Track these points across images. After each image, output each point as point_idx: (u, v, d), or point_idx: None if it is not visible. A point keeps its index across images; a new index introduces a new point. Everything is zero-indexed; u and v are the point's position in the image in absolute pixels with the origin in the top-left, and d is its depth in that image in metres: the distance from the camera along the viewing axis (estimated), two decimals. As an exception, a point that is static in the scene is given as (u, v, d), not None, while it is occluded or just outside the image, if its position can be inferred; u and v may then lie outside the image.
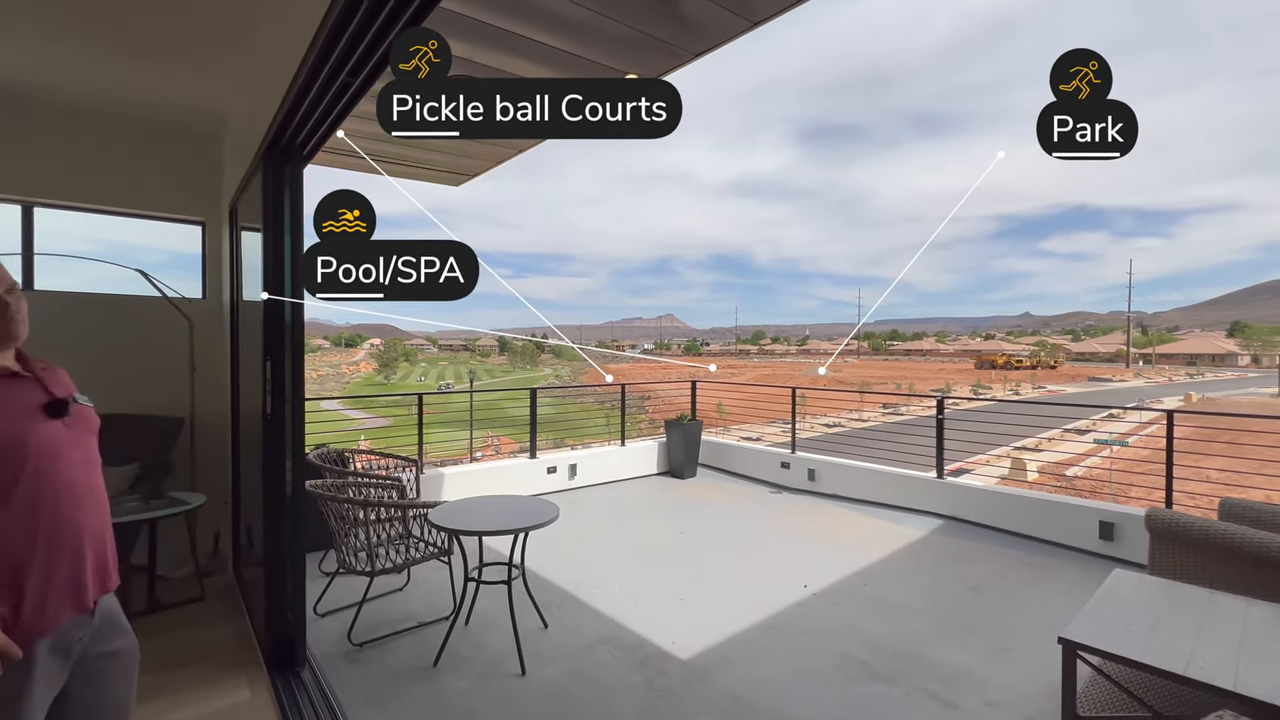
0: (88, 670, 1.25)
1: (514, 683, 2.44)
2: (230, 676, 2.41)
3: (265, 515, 2.48)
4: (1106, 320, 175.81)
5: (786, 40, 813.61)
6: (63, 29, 2.64)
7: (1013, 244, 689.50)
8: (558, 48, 2.67)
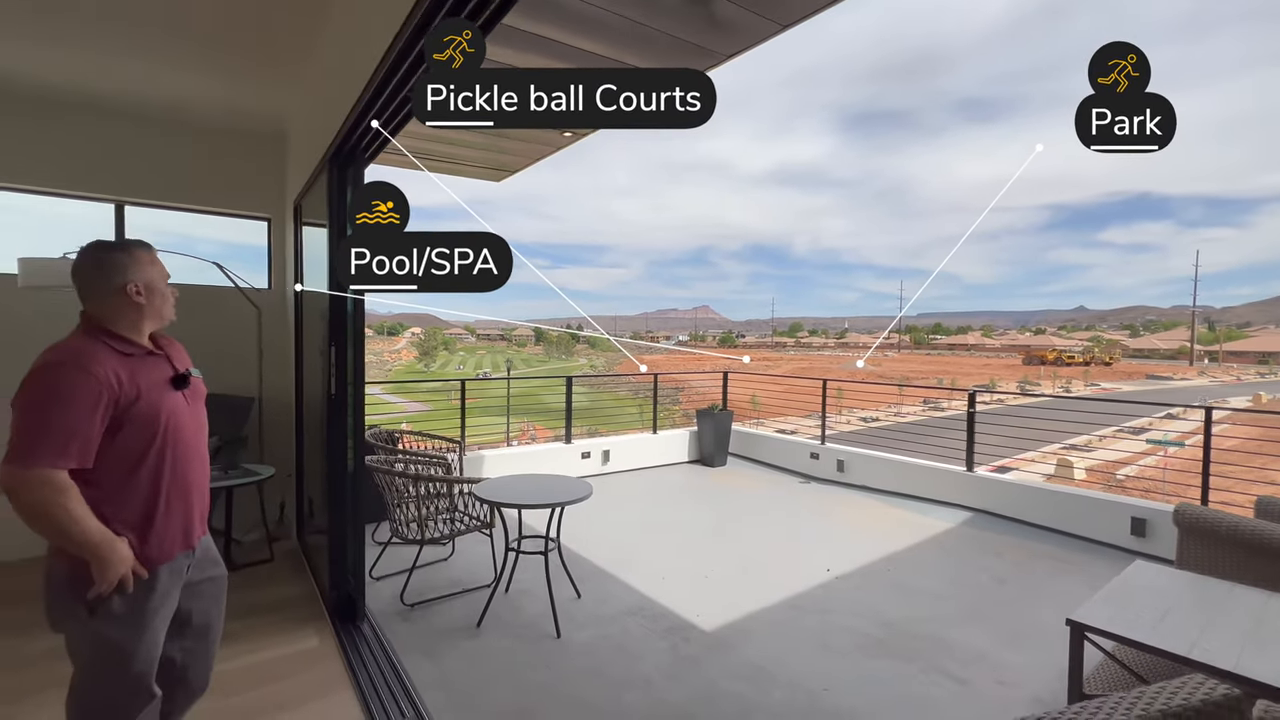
0: (194, 591, 1.58)
1: (550, 644, 2.66)
2: (300, 627, 2.70)
3: (329, 487, 2.75)
4: (1169, 315, 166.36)
5: (828, 23, 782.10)
6: (154, 50, 2.94)
7: (1066, 235, 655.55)
8: (591, 51, 2.81)
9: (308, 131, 3.33)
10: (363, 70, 2.08)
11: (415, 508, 3.03)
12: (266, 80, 3.31)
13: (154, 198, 3.89)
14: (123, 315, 1.43)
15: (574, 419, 6.17)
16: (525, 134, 4.21)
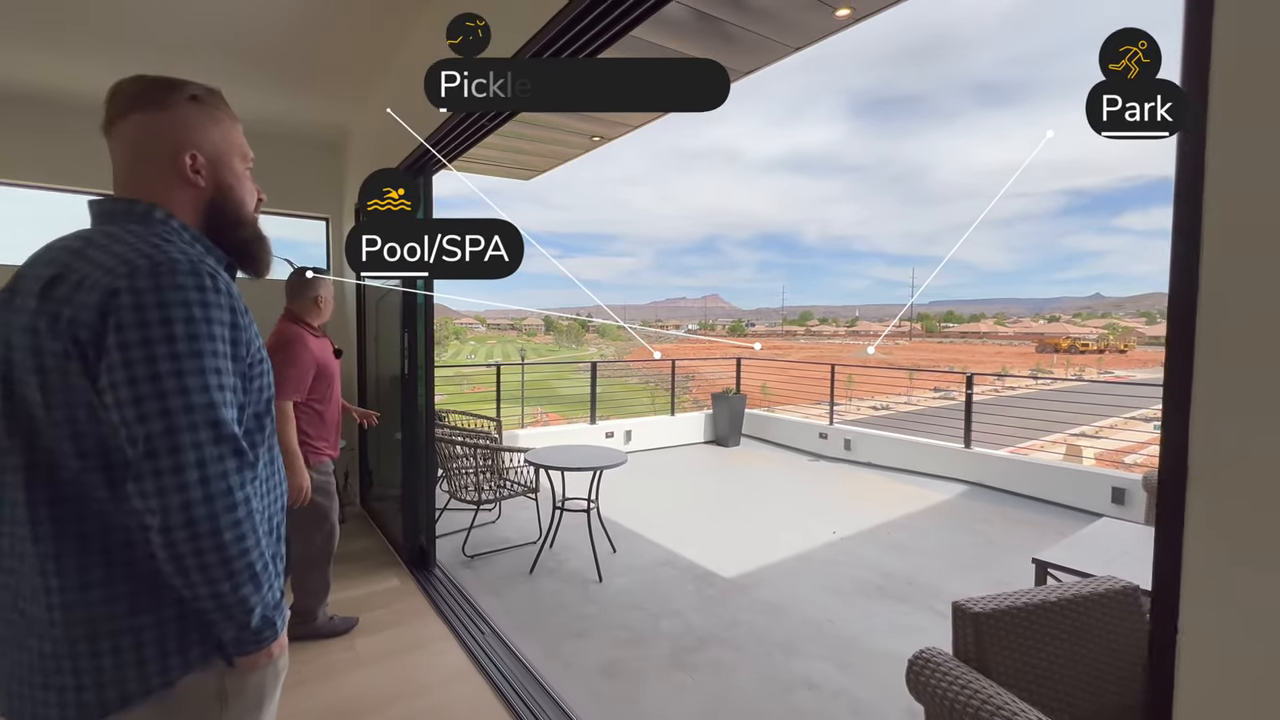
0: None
1: (594, 586, 3.11)
2: (379, 571, 3.17)
3: (405, 454, 3.21)
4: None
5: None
6: (233, 75, 3.36)
7: (1083, 220, 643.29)
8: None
9: (373, 143, 3.76)
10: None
11: (473, 474, 3.49)
12: (331, 97, 3.73)
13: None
14: (311, 313, 2.34)
15: (588, 406, 6.63)
16: (554, 137, 4.59)
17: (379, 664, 2.29)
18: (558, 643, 2.53)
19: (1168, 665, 0.68)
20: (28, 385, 0.73)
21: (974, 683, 1.36)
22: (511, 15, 1.94)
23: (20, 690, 0.75)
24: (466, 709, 2.03)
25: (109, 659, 0.74)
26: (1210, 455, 0.64)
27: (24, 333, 0.73)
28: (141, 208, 0.84)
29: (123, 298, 0.70)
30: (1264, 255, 0.61)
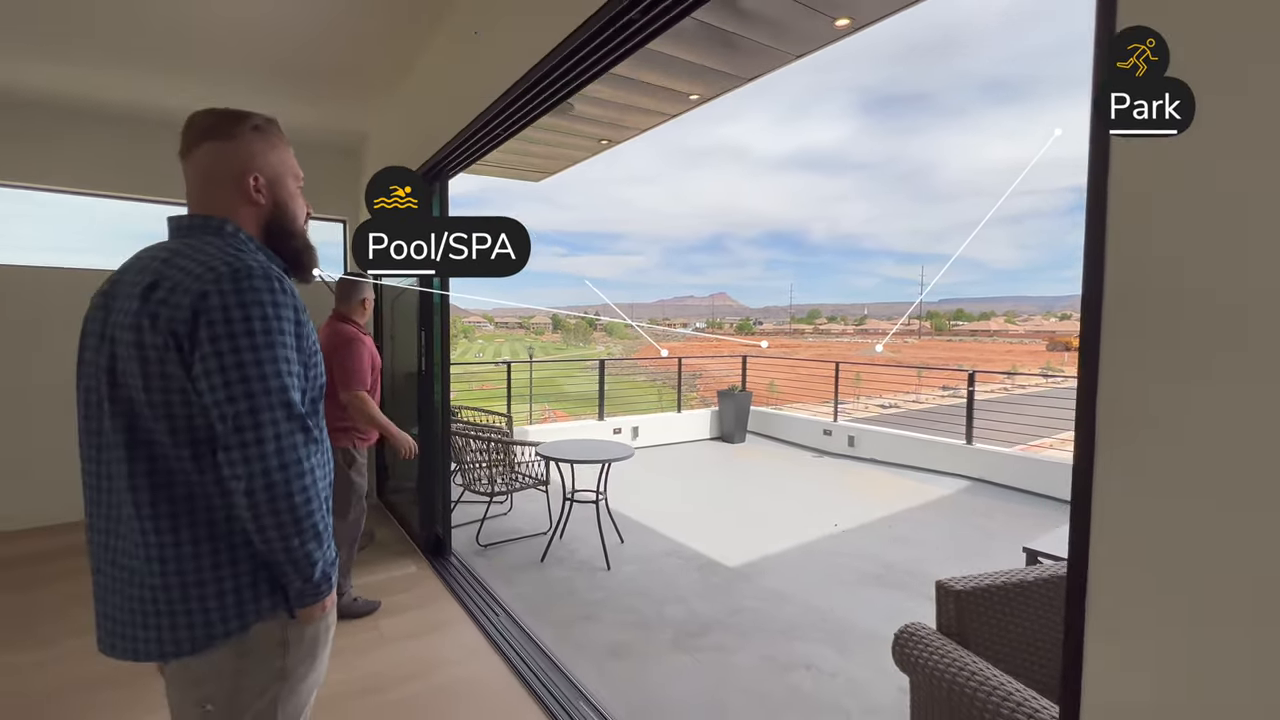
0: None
1: (602, 574, 3.24)
2: (398, 559, 3.32)
3: (422, 447, 3.34)
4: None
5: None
6: (260, 86, 3.50)
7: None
8: (628, 76, 3.29)
9: (390, 147, 3.90)
10: (455, 116, 2.63)
11: (486, 467, 3.63)
12: (348, 104, 3.87)
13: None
14: (359, 313, 2.66)
15: (596, 404, 6.75)
16: (563, 140, 4.72)
17: (402, 643, 2.43)
18: (568, 626, 2.67)
19: (1078, 620, 0.79)
20: (130, 374, 0.87)
21: (954, 654, 1.47)
22: (529, 30, 2.06)
23: (122, 630, 0.90)
24: (484, 683, 2.17)
25: (196, 605, 0.88)
26: (1111, 438, 0.75)
27: (129, 330, 0.87)
28: (215, 222, 0.98)
29: (211, 299, 0.84)
30: (1157, 252, 0.72)
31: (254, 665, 0.95)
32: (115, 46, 2.99)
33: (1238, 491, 0.66)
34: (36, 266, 3.87)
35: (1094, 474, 0.78)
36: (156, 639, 0.88)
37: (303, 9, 2.68)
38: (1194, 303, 0.69)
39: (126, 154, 4.00)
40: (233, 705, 0.94)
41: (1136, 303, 0.74)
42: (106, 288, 0.96)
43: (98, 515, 0.95)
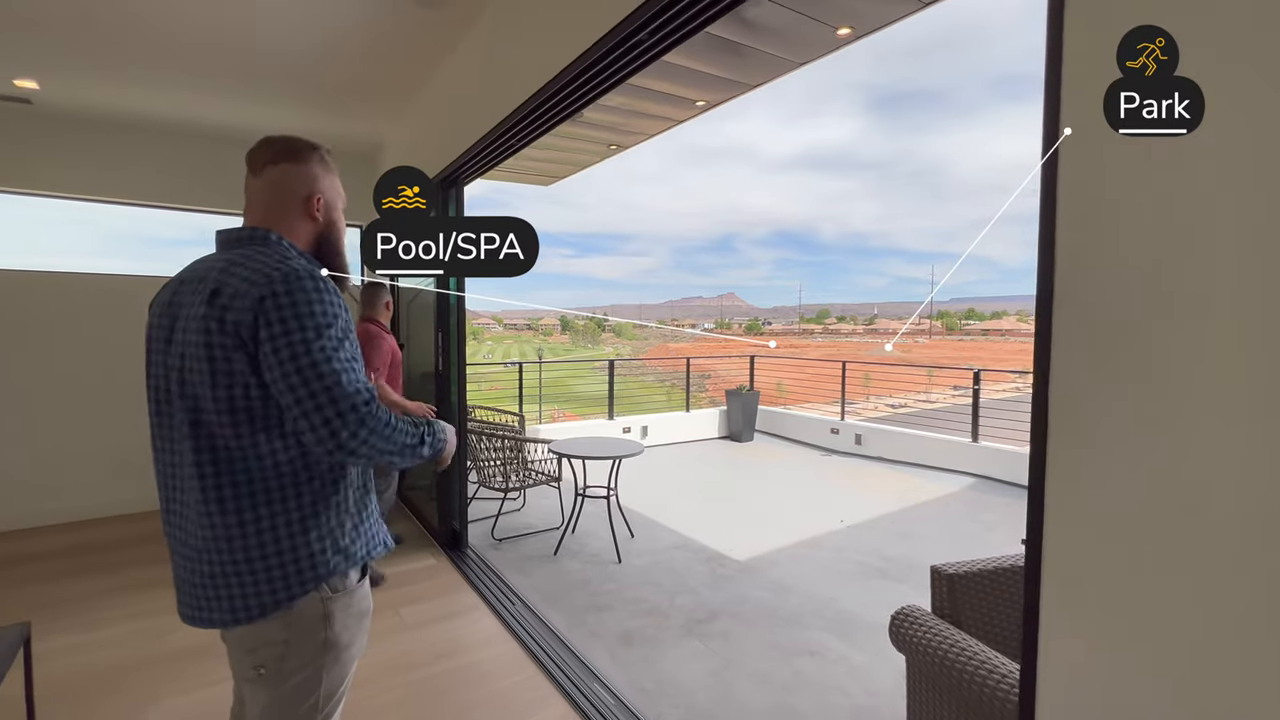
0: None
1: (613, 567, 3.35)
2: (417, 552, 3.45)
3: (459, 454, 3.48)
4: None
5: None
6: (286, 100, 3.65)
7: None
8: (644, 87, 3.41)
9: (406, 155, 4.04)
10: (471, 128, 2.76)
11: (501, 464, 3.75)
12: (367, 115, 4.02)
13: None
14: (382, 315, 3.01)
15: (605, 404, 6.87)
16: (574, 146, 4.84)
17: (423, 629, 2.55)
18: (581, 614, 2.78)
19: (1034, 590, 0.89)
20: (199, 371, 0.98)
21: (946, 632, 1.57)
22: (545, 46, 2.18)
23: (195, 602, 1.04)
24: (503, 665, 2.29)
25: (249, 580, 1.00)
26: (1061, 428, 0.85)
27: (197, 332, 0.99)
28: (260, 234, 1.11)
29: (267, 302, 0.96)
30: (1100, 258, 0.81)
31: (300, 635, 1.06)
32: (151, 65, 3.15)
33: (1171, 479, 0.76)
34: (78, 272, 4.05)
35: (1046, 463, 0.88)
36: (219, 609, 1.01)
37: (327, 32, 2.81)
38: (1134, 302, 0.79)
39: (159, 165, 4.18)
40: (281, 670, 1.06)
41: (1082, 304, 0.84)
42: (169, 296, 1.09)
43: (172, 501, 1.07)
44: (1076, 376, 0.84)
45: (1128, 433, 0.79)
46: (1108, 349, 0.81)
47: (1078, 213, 0.84)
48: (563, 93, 2.14)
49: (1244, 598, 0.70)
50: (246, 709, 1.13)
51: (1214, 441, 0.72)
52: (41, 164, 3.86)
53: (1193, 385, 0.74)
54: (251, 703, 1.10)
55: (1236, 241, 0.70)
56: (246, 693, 1.12)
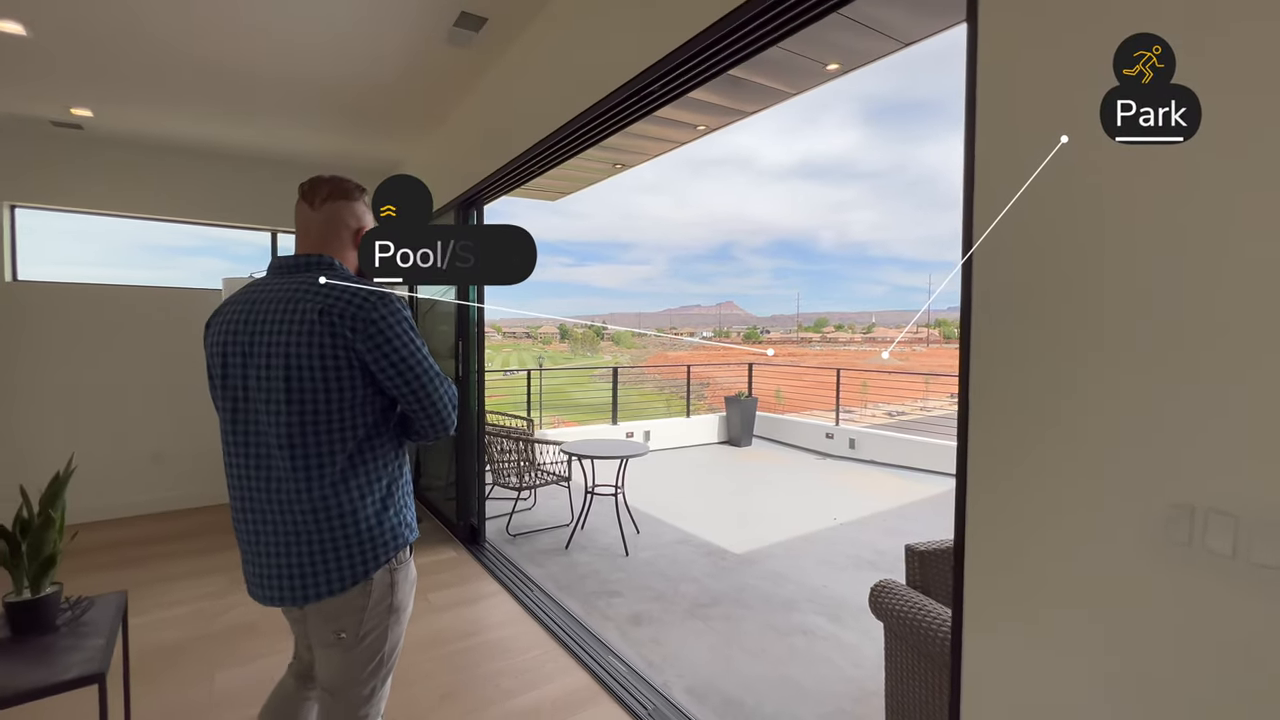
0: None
1: (621, 559, 3.60)
2: (437, 546, 3.70)
3: (459, 447, 3.73)
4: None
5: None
6: (314, 124, 3.94)
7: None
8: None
9: (427, 177, 4.32)
10: (491, 156, 3.04)
11: (516, 463, 4.01)
12: (390, 139, 4.31)
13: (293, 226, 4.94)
14: None
15: (607, 411, 7.13)
16: (582, 166, 5.13)
17: (450, 611, 2.80)
18: (593, 600, 3.03)
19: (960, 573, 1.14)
20: (309, 369, 1.13)
21: (916, 600, 1.82)
22: (570, 86, 2.47)
23: (281, 582, 1.19)
24: (525, 641, 2.53)
25: (356, 550, 1.19)
26: (978, 427, 1.11)
27: (306, 343, 1.13)
28: (326, 260, 1.25)
29: (372, 314, 1.16)
30: (1004, 272, 1.07)
31: (374, 602, 1.23)
32: (194, 95, 3.43)
33: (1070, 473, 1.01)
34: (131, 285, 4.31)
35: (968, 455, 1.13)
36: (314, 585, 1.18)
37: (360, 67, 3.10)
38: (1042, 305, 1.05)
39: (197, 184, 4.47)
40: (358, 632, 1.23)
41: (993, 306, 1.10)
42: (242, 314, 1.21)
43: (255, 494, 1.19)
44: (991, 377, 1.10)
45: (1037, 435, 1.05)
46: (1022, 351, 1.07)
47: (990, 226, 1.10)
48: (579, 131, 2.43)
49: (1136, 577, 0.94)
50: (318, 670, 1.29)
51: (1097, 454, 0.97)
52: (90, 184, 4.14)
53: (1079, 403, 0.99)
54: (325, 664, 1.26)
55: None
56: (321, 657, 1.27)
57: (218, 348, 1.23)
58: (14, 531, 1.53)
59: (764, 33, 1.66)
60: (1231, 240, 0.77)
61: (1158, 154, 0.84)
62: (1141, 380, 0.85)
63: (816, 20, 1.58)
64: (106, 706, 1.42)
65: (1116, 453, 0.88)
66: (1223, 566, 0.78)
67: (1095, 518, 0.91)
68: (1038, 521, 1.00)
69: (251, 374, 1.18)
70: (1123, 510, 0.88)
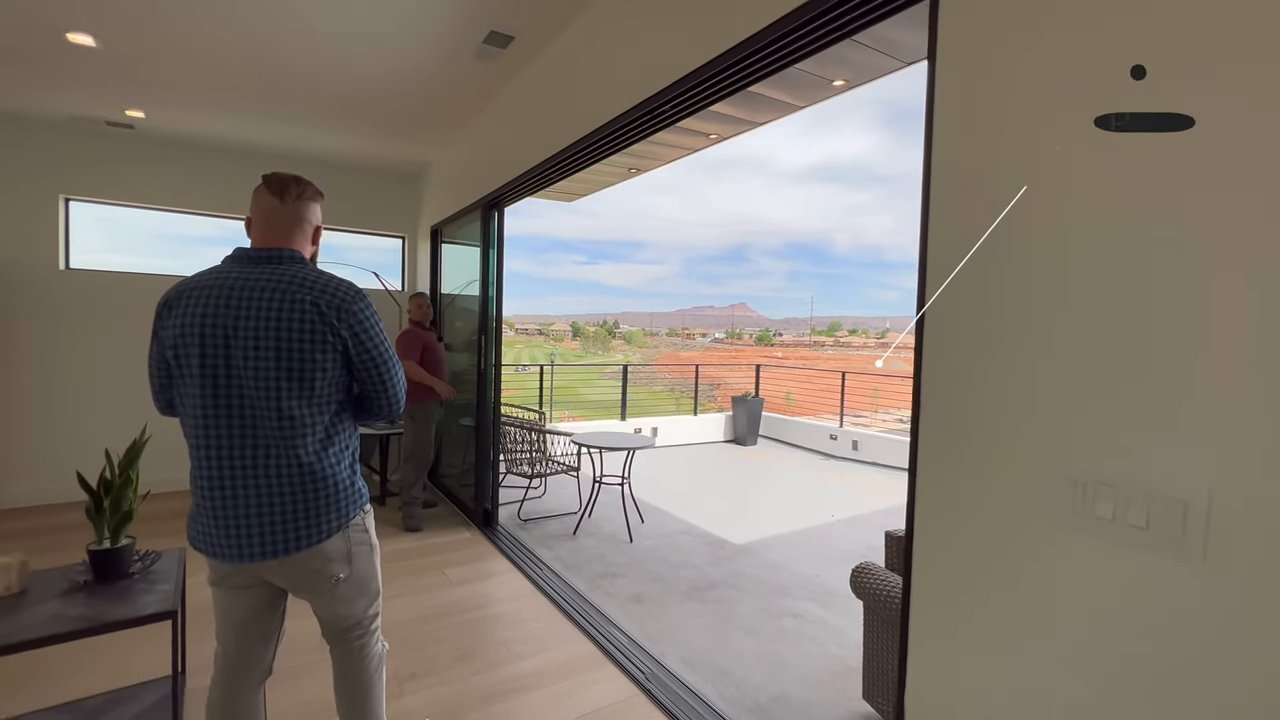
0: None
1: (626, 545, 3.80)
2: (453, 528, 3.92)
3: (478, 434, 3.96)
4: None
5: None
6: (345, 127, 4.18)
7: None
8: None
9: (449, 177, 4.56)
10: (515, 161, 3.25)
11: (528, 452, 4.23)
12: (418, 142, 4.54)
13: (327, 223, 5.19)
14: (415, 317, 3.77)
15: (615, 409, 7.33)
16: (600, 169, 5.30)
17: (465, 585, 3.02)
18: (598, 580, 3.23)
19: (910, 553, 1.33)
20: (298, 349, 1.26)
21: (890, 579, 2.00)
22: (592, 101, 2.67)
23: (271, 537, 1.29)
24: (534, 613, 2.74)
25: (332, 506, 1.33)
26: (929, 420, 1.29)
27: (298, 322, 1.26)
28: (294, 254, 1.36)
29: (351, 304, 1.31)
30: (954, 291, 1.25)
31: (355, 543, 1.40)
32: (237, 98, 3.68)
33: (992, 464, 1.19)
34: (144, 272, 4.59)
35: (918, 455, 1.31)
36: (305, 535, 1.31)
37: (391, 78, 3.32)
38: (969, 329, 1.23)
39: (232, 179, 4.74)
40: (354, 570, 1.41)
41: (940, 332, 1.28)
42: (220, 298, 1.28)
43: (237, 461, 1.27)
44: (941, 379, 1.28)
45: (977, 436, 1.23)
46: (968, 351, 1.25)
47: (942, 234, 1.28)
48: (597, 143, 2.63)
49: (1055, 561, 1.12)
50: (326, 615, 1.45)
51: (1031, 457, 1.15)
52: (137, 178, 4.42)
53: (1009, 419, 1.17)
54: (333, 605, 1.42)
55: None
56: (322, 606, 1.43)
57: (191, 328, 1.27)
58: (98, 490, 1.77)
59: (784, 53, 1.78)
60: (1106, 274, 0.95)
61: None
62: (1041, 385, 1.03)
63: (835, 44, 1.70)
64: (179, 638, 1.65)
65: (1026, 444, 1.06)
66: (1105, 528, 0.96)
67: (1012, 498, 1.10)
68: (971, 506, 1.18)
69: (236, 352, 1.25)
70: (1031, 489, 1.06)
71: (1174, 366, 0.89)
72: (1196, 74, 0.87)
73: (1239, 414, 0.82)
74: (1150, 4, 0.92)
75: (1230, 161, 0.83)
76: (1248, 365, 0.82)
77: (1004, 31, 1.11)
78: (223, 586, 1.40)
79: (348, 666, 1.50)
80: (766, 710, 2.16)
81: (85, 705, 1.89)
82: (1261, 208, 0.81)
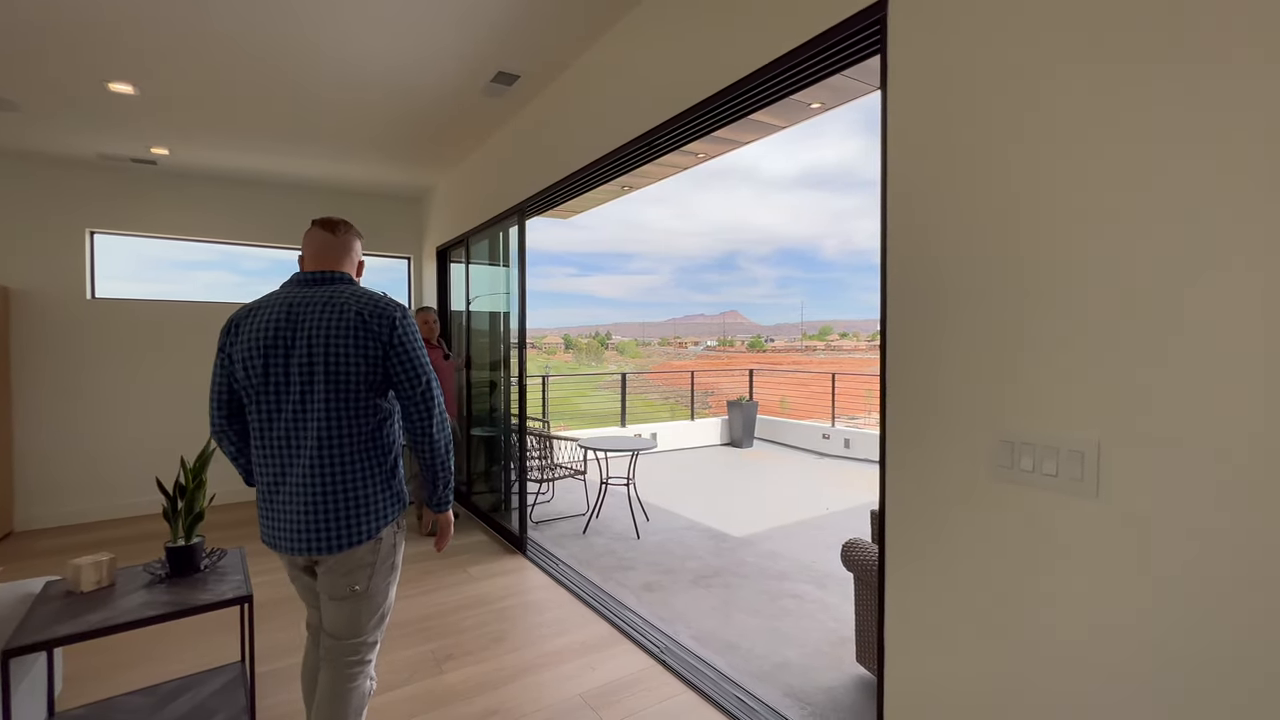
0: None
1: (633, 541, 4.03)
2: (471, 531, 4.14)
3: (504, 442, 4.19)
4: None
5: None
6: (355, 157, 4.44)
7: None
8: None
9: (452, 200, 4.82)
10: (514, 191, 3.53)
11: (539, 458, 4.46)
12: (423, 168, 4.81)
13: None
14: (422, 335, 3.47)
15: (612, 418, 7.57)
16: (597, 190, 5.60)
17: (488, 580, 3.24)
18: (610, 573, 3.46)
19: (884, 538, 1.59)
20: (344, 356, 1.38)
21: (875, 550, 2.26)
22: (591, 134, 2.95)
23: (310, 535, 1.39)
24: (555, 601, 2.98)
25: (362, 513, 1.41)
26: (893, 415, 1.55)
27: (345, 336, 1.38)
28: (349, 276, 1.54)
29: (397, 322, 1.44)
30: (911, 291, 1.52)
31: (382, 558, 1.47)
32: (255, 133, 3.94)
33: (945, 439, 1.46)
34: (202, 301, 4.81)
35: (886, 437, 1.58)
36: (336, 538, 1.40)
37: (401, 113, 3.59)
38: (922, 326, 1.50)
39: (252, 210, 4.98)
40: (370, 585, 1.47)
41: (899, 331, 1.54)
42: (280, 315, 1.42)
43: (289, 466, 1.39)
44: (905, 368, 1.55)
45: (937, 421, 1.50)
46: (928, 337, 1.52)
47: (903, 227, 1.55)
48: (596, 173, 2.91)
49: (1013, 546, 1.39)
50: (328, 622, 1.49)
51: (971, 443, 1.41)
52: (159, 211, 4.66)
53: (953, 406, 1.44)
54: (337, 616, 1.47)
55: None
56: (333, 610, 1.47)
57: (256, 344, 1.40)
58: (174, 494, 2.00)
59: (769, 91, 2.03)
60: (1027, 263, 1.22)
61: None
62: (975, 370, 1.30)
63: (826, 79, 1.95)
64: (253, 619, 1.87)
65: (967, 420, 1.33)
66: (1028, 478, 1.22)
67: (962, 465, 1.36)
68: (931, 476, 1.44)
69: (294, 364, 1.37)
70: (976, 454, 1.33)
71: (1067, 348, 1.16)
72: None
73: (1114, 381, 1.09)
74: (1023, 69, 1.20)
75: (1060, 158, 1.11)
76: (1116, 350, 1.09)
77: (943, 73, 1.39)
78: (293, 568, 1.56)
79: (334, 698, 1.48)
80: (771, 675, 2.40)
81: (161, 689, 2.11)
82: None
